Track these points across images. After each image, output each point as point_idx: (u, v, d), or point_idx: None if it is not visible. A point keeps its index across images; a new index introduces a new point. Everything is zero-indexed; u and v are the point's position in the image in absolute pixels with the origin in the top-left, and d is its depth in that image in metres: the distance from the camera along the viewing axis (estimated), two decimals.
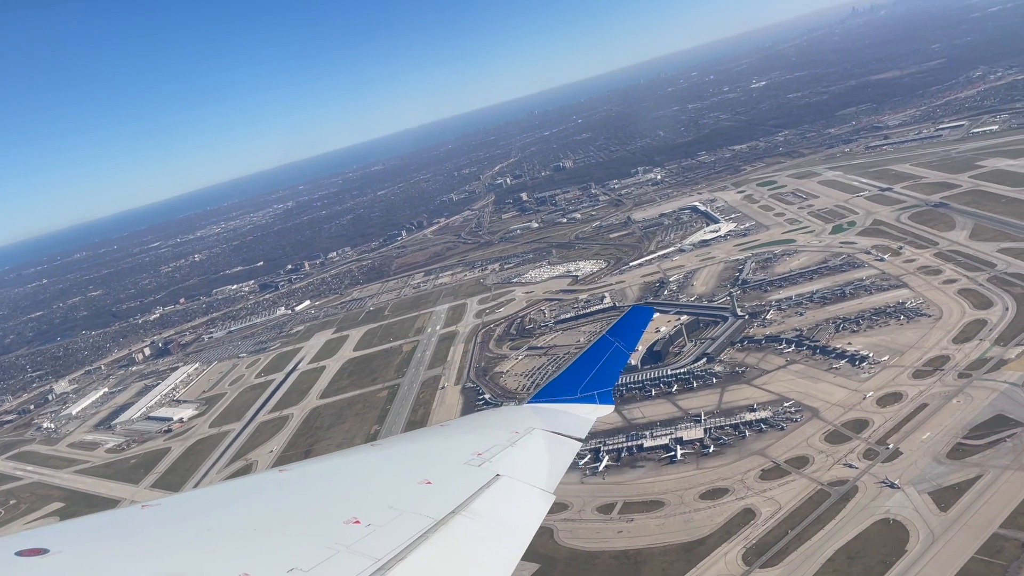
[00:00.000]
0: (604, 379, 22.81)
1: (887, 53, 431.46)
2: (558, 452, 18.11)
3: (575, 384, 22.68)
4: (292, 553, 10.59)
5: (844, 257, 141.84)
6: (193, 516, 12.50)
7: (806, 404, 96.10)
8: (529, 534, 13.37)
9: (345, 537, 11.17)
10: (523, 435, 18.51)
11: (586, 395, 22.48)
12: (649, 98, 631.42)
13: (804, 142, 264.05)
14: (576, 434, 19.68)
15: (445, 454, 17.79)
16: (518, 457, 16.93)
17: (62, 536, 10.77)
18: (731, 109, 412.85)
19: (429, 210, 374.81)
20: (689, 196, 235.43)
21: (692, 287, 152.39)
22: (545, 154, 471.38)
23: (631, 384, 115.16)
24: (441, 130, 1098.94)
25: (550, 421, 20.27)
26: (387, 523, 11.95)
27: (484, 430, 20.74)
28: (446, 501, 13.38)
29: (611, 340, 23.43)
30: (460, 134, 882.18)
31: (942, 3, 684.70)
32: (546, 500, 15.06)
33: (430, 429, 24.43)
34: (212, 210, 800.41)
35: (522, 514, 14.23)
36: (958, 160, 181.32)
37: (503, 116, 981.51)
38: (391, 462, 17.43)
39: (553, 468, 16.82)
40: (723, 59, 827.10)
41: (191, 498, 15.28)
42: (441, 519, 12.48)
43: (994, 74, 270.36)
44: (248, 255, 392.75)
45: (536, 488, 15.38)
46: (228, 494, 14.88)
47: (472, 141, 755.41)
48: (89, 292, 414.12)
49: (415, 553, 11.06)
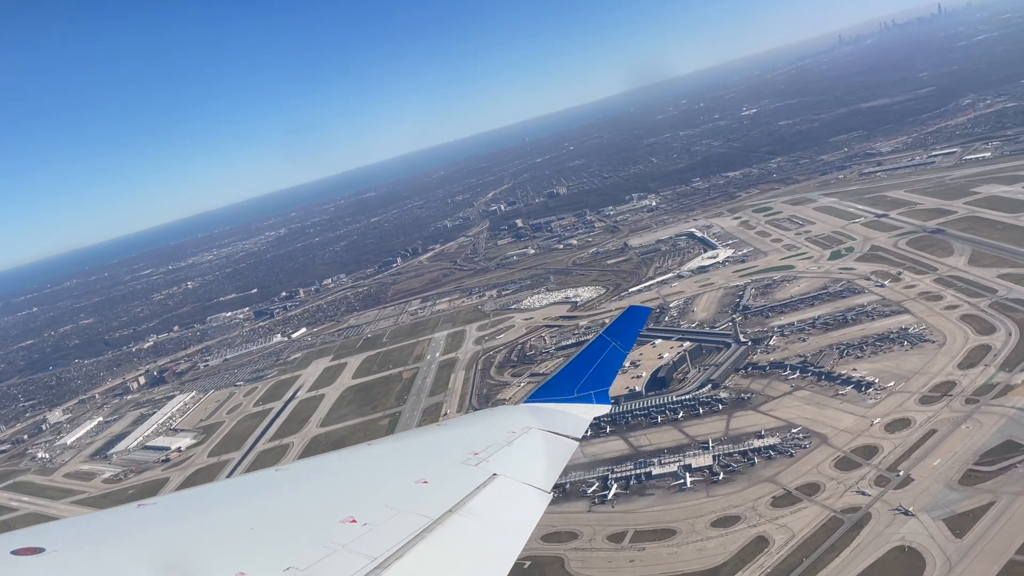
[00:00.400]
0: (601, 379, 22.83)
1: (875, 81, 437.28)
2: (555, 451, 18.20)
3: (572, 384, 22.69)
4: (288, 552, 10.63)
5: (844, 283, 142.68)
6: (189, 515, 12.52)
7: (814, 430, 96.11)
8: (526, 533, 13.45)
9: (342, 536, 11.19)
10: (520, 434, 18.59)
11: (583, 395, 22.51)
12: (640, 125, 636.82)
13: (797, 169, 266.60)
14: (573, 434, 19.75)
15: (442, 453, 17.87)
16: (515, 456, 17.00)
17: (58, 535, 10.82)
18: (723, 136, 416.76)
19: (424, 237, 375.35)
20: (685, 222, 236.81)
21: (693, 313, 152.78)
22: (538, 181, 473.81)
23: (636, 411, 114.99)
24: (432, 157, 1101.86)
25: (547, 421, 20.30)
26: (384, 522, 11.98)
27: (481, 429, 20.93)
28: (443, 500, 13.43)
29: (608, 340, 23.60)
30: (451, 161, 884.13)
31: (927, 32, 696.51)
32: (543, 499, 15.14)
33: (426, 428, 24.58)
34: (203, 237, 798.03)
35: (519, 513, 14.29)
36: (952, 186, 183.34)
37: (494, 143, 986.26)
38: (387, 461, 17.49)
39: (550, 467, 16.92)
40: (712, 87, 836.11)
41: (187, 497, 15.43)
42: (438, 518, 12.52)
43: (983, 102, 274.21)
44: (242, 282, 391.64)
45: (533, 487, 15.41)
46: (224, 493, 14.95)
47: (464, 168, 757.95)
48: (81, 320, 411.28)
49: (412, 552, 11.10)
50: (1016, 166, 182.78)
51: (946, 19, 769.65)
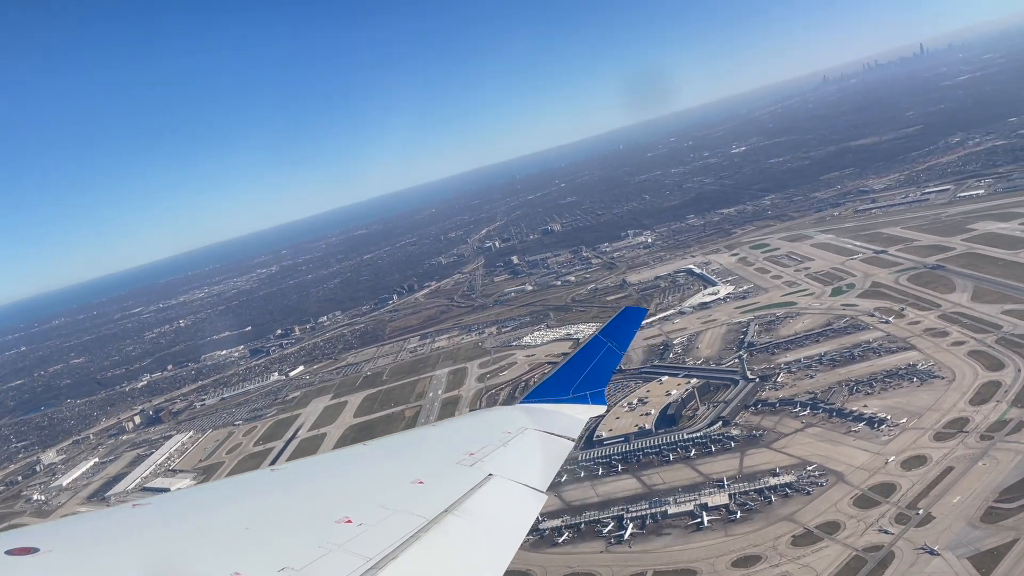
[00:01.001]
0: (597, 379, 22.87)
1: (863, 120, 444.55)
2: (550, 452, 18.31)
3: (567, 384, 22.71)
4: (284, 552, 10.67)
5: (848, 319, 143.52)
6: (184, 515, 12.52)
7: (829, 468, 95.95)
8: (521, 533, 13.55)
9: (337, 536, 11.24)
10: (515, 435, 18.66)
11: (578, 395, 22.56)
12: (630, 163, 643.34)
13: (792, 206, 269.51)
14: (568, 434, 19.88)
15: (437, 454, 17.94)
16: (510, 457, 17.06)
17: (52, 535, 10.81)
18: (714, 174, 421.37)
19: (419, 273, 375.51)
20: (682, 259, 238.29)
21: (697, 350, 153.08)
22: (532, 218, 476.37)
23: (648, 449, 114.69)
24: (422, 194, 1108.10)
25: (542, 421, 20.40)
26: (379, 522, 12.04)
27: (476, 430, 21.03)
28: (438, 500, 13.50)
29: (604, 341, 23.75)
30: (442, 198, 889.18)
31: (910, 72, 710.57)
32: (538, 500, 15.20)
33: (422, 429, 24.63)
34: (193, 275, 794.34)
35: (514, 513, 14.37)
36: (948, 223, 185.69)
37: (484, 180, 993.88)
38: (383, 461, 17.57)
39: (545, 468, 17.04)
40: (700, 125, 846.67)
41: (182, 497, 15.48)
42: (433, 518, 12.59)
43: (972, 140, 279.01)
44: (235, 320, 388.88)
45: (528, 487, 15.50)
46: (219, 493, 14.95)
47: (455, 205, 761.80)
48: (71, 359, 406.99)
49: (407, 552, 11.16)
50: (1011, 203, 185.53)
51: (928, 59, 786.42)
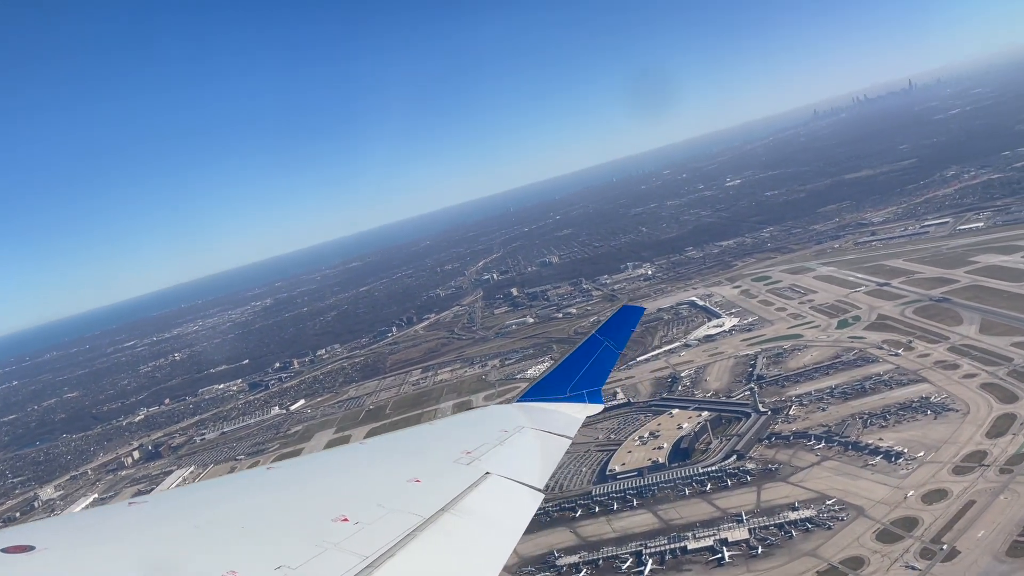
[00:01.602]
0: (594, 378, 23.02)
1: (857, 153, 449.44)
2: (547, 450, 18.43)
3: (564, 383, 22.87)
4: (280, 551, 10.66)
5: (856, 352, 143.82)
6: (180, 513, 12.47)
7: (849, 502, 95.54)
8: (518, 532, 13.60)
9: (333, 535, 11.24)
10: (512, 434, 18.74)
11: (575, 394, 22.72)
12: (625, 196, 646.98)
13: (791, 238, 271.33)
14: (565, 433, 20.02)
15: (434, 452, 17.98)
16: (507, 455, 17.12)
17: (48, 533, 10.76)
18: (710, 206, 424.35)
19: (417, 306, 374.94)
20: (684, 291, 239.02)
21: (706, 382, 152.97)
22: (529, 250, 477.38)
23: (663, 483, 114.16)
24: (416, 226, 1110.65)
25: (539, 420, 20.52)
26: (375, 521, 12.05)
27: (473, 429, 21.07)
28: (435, 499, 13.49)
29: (601, 339, 24.04)
30: (436, 231, 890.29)
31: (900, 106, 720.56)
32: (535, 498, 15.27)
33: (419, 428, 24.60)
34: (186, 308, 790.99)
35: (511, 512, 14.41)
36: (950, 256, 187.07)
37: (477, 212, 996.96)
38: (380, 460, 17.59)
39: (542, 466, 17.14)
40: (693, 158, 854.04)
41: (178, 495, 15.48)
42: (430, 517, 12.56)
43: (968, 173, 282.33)
44: (232, 353, 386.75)
45: (525, 486, 15.56)
46: (216, 491, 14.94)
47: (450, 237, 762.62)
48: (65, 394, 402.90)
49: (404, 551, 11.17)
50: (1011, 236, 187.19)
51: (917, 94, 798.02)
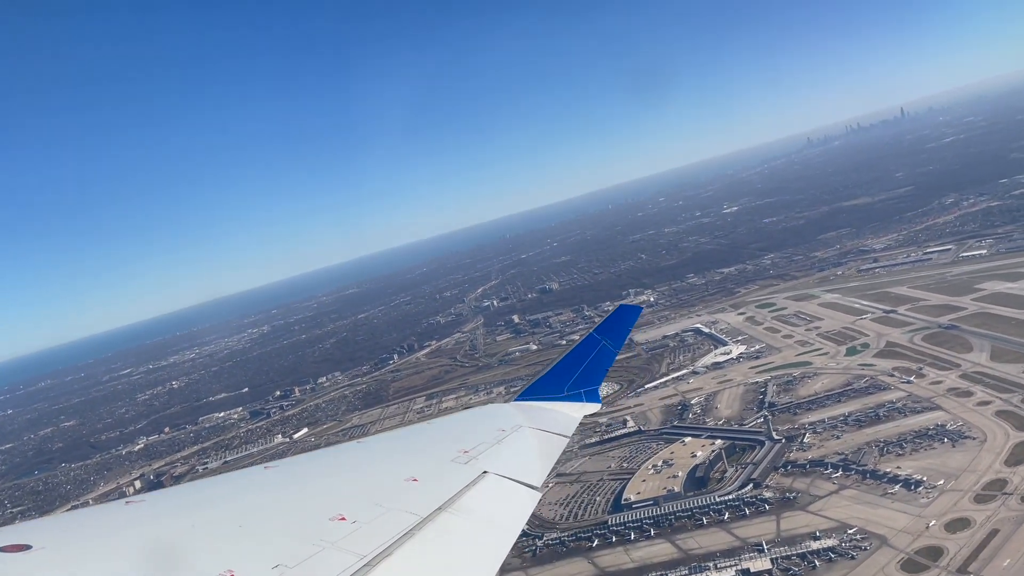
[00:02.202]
0: (591, 377, 23.10)
1: (853, 181, 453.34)
2: (545, 450, 18.44)
3: (562, 382, 22.89)
4: (277, 550, 10.66)
5: (868, 379, 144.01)
6: (178, 512, 12.45)
7: (871, 531, 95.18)
8: (516, 531, 13.65)
9: (331, 534, 11.24)
10: (509, 433, 18.76)
11: (573, 393, 22.78)
12: (622, 222, 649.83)
13: (792, 265, 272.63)
14: (563, 432, 20.03)
15: (431, 451, 17.95)
16: (505, 454, 17.13)
17: (45, 532, 10.75)
18: (709, 233, 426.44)
19: (417, 333, 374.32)
20: (688, 318, 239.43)
21: (717, 410, 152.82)
22: (527, 277, 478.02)
23: (680, 512, 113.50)
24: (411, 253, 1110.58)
25: (536, 419, 20.52)
26: (373, 520, 12.05)
27: (470, 428, 21.00)
28: (432, 498, 13.49)
29: (598, 339, 24.18)
30: (431, 257, 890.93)
31: (892, 135, 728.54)
32: (533, 497, 15.27)
33: (416, 427, 24.71)
34: (181, 335, 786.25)
35: (509, 511, 14.43)
36: (955, 283, 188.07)
37: (472, 240, 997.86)
38: (377, 459, 17.59)
39: (540, 465, 17.17)
40: (687, 185, 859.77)
41: (176, 494, 15.34)
42: (427, 516, 12.54)
43: (966, 200, 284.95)
44: (231, 381, 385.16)
45: (523, 485, 15.56)
46: (213, 490, 14.89)
47: (446, 264, 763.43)
48: (62, 422, 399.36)
49: (401, 550, 11.17)
50: (1015, 263, 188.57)
51: (909, 122, 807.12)
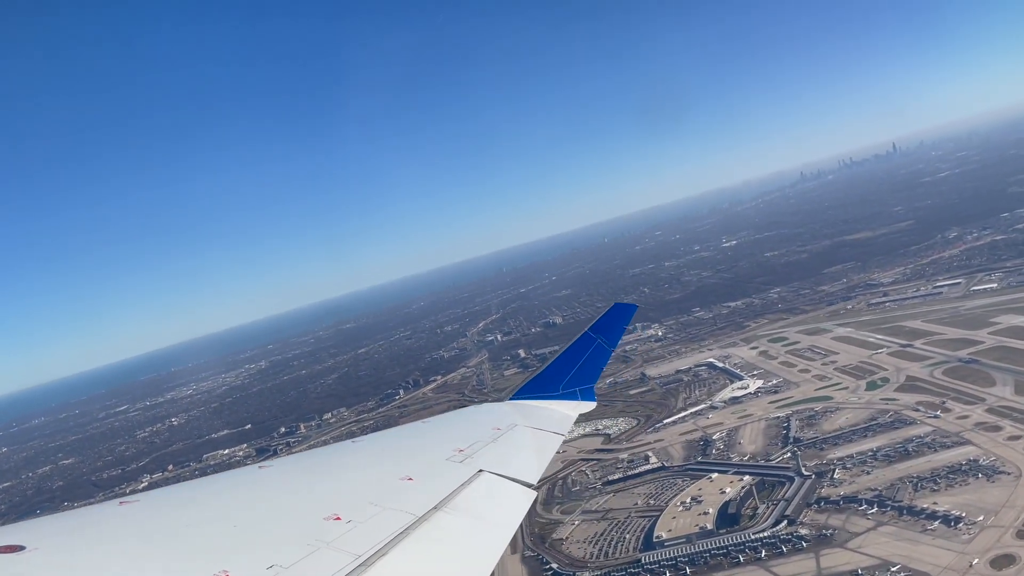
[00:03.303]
0: (586, 375, 23.36)
1: (851, 215, 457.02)
2: (540, 448, 18.57)
3: (557, 381, 23.12)
4: (272, 550, 10.67)
5: (892, 414, 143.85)
6: (172, 512, 12.46)
7: (915, 568, 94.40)
8: (511, 529, 13.69)
9: (325, 533, 11.26)
10: (505, 431, 18.90)
11: (568, 391, 22.99)
12: (620, 256, 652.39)
13: (800, 299, 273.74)
14: (558, 430, 20.25)
15: (426, 450, 18.06)
16: (500, 453, 17.20)
17: (39, 533, 10.78)
18: (710, 267, 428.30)
19: (421, 368, 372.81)
20: (700, 352, 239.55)
21: (740, 445, 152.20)
22: (529, 311, 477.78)
23: (714, 550, 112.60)
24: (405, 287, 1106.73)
25: (531, 417, 20.74)
26: (368, 519, 12.08)
27: (465, 427, 21.16)
28: (428, 497, 13.53)
29: (593, 337, 24.59)
30: (429, 291, 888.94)
31: (885, 169, 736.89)
32: (528, 496, 15.34)
33: (411, 426, 24.98)
34: (176, 371, 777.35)
35: (505, 509, 14.44)
36: (970, 317, 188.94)
37: (469, 274, 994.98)
38: (372, 458, 17.61)
39: (535, 464, 17.25)
40: (683, 219, 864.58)
41: (169, 494, 15.26)
42: (423, 515, 12.57)
43: (971, 234, 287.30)
44: (232, 418, 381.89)
45: (518, 484, 15.61)
46: (207, 490, 14.91)
47: (444, 298, 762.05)
48: (60, 460, 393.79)
49: (396, 549, 11.19)
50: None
51: (902, 157, 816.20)
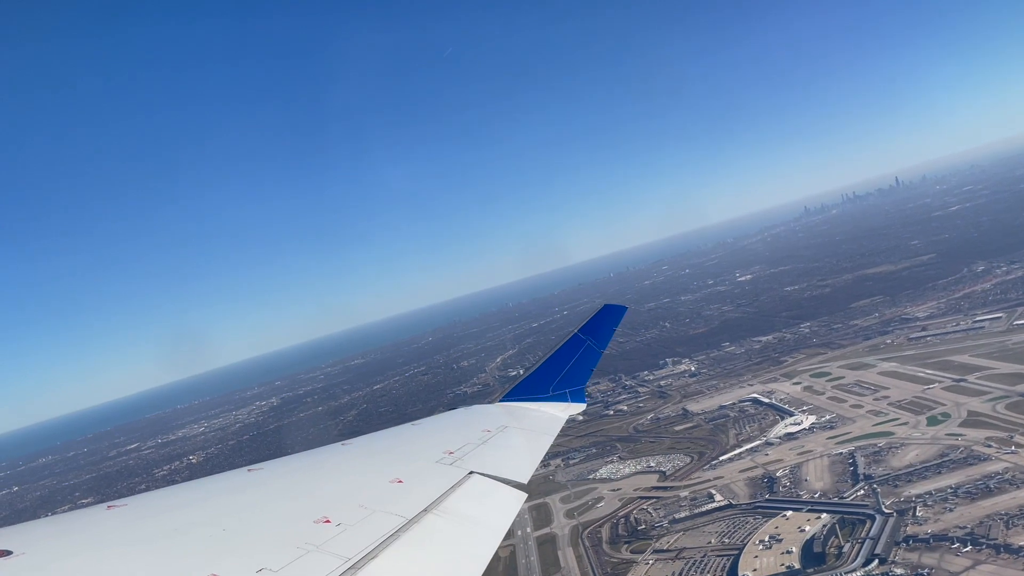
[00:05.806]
0: (576, 377, 23.86)
1: (866, 249, 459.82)
2: (530, 450, 18.83)
3: (546, 383, 23.62)
4: (261, 553, 10.70)
5: (962, 450, 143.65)
6: (160, 516, 12.47)
7: None
8: (502, 531, 13.75)
9: (315, 537, 11.29)
10: (495, 433, 19.14)
11: (558, 393, 23.50)
12: (629, 291, 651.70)
13: (833, 333, 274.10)
14: (548, 432, 20.52)
15: (416, 453, 18.17)
16: (490, 455, 17.34)
17: (26, 537, 10.77)
18: (730, 301, 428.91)
19: (444, 404, 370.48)
20: (740, 388, 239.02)
21: (807, 482, 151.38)
22: (546, 346, 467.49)
23: None
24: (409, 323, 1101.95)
25: (521, 419, 21.12)
26: (358, 522, 12.13)
27: (455, 429, 21.27)
28: (418, 499, 13.60)
29: (583, 338, 25.01)
30: (435, 327, 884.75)
31: (890, 203, 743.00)
32: (518, 498, 15.43)
33: (400, 428, 25.16)
34: (183, 408, 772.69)
35: (495, 511, 14.53)
36: (1018, 351, 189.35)
37: (475, 308, 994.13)
38: (361, 461, 17.69)
39: (525, 466, 17.43)
40: (688, 253, 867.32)
41: (158, 497, 15.29)
42: (413, 518, 12.64)
43: (999, 268, 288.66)
44: (252, 456, 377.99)
45: (508, 486, 15.72)
46: (196, 493, 14.94)
47: (452, 334, 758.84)
48: (78, 499, 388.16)
49: (386, 552, 11.25)
50: None
51: (905, 191, 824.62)
